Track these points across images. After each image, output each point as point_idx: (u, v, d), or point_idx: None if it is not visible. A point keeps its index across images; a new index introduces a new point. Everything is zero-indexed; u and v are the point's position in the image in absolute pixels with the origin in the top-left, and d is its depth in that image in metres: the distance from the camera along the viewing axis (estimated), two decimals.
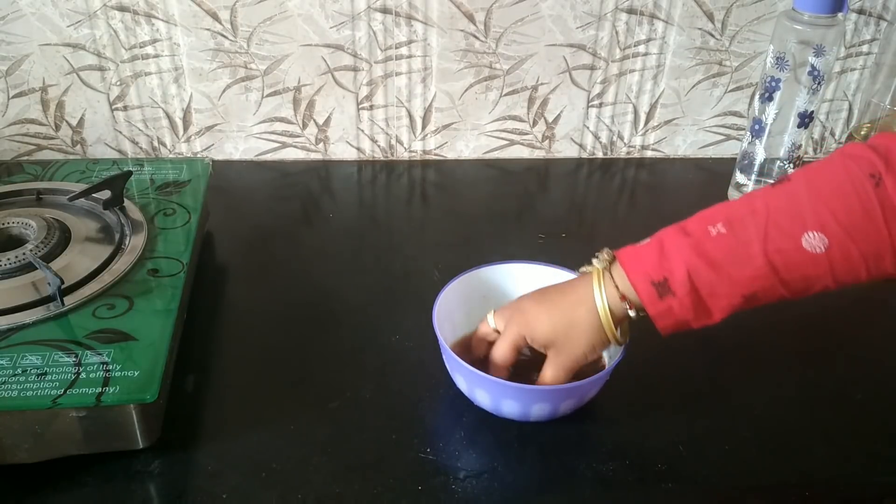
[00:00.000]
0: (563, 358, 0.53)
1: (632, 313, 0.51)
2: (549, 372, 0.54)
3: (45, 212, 0.67)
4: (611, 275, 0.52)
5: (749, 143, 0.84)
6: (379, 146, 0.95)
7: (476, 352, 0.58)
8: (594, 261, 0.54)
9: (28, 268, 0.60)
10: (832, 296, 0.74)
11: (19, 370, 0.51)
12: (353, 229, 0.82)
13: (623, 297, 0.51)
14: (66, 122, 0.89)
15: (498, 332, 0.56)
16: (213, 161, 0.82)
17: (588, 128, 0.96)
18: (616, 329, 0.52)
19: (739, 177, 0.86)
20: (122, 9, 0.82)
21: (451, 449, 0.55)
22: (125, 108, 0.89)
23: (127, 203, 0.70)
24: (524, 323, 0.54)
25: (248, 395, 0.59)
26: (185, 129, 0.91)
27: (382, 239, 0.81)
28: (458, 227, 0.83)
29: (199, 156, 0.93)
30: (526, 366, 0.58)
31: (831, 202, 0.47)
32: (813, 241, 0.47)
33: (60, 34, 0.83)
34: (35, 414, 0.49)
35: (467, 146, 0.96)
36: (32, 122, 0.88)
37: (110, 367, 0.51)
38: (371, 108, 0.92)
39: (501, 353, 0.55)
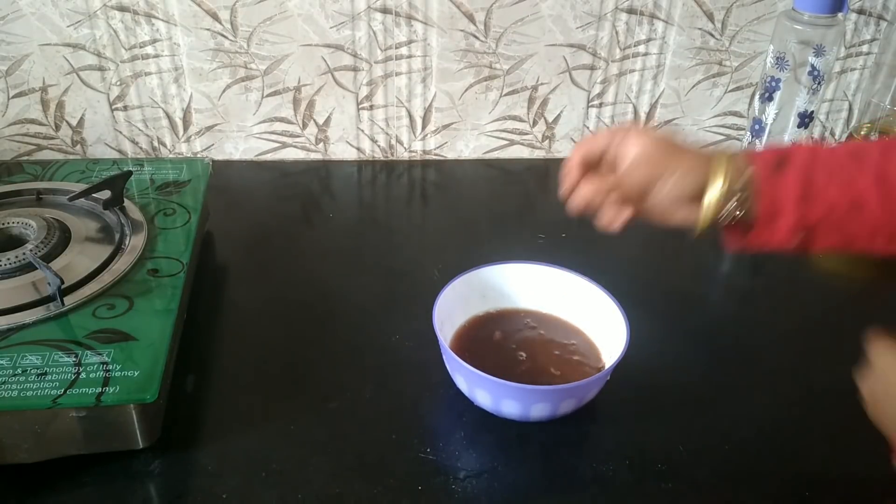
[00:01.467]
0: (642, 172, 0.52)
1: (747, 170, 0.50)
2: (623, 175, 0.52)
3: (45, 212, 0.67)
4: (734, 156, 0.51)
5: (749, 143, 0.84)
6: (379, 146, 0.95)
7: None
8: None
9: (28, 268, 0.60)
10: (832, 295, 0.74)
11: (19, 370, 0.51)
12: (353, 229, 0.82)
13: (733, 156, 0.51)
14: (66, 122, 0.89)
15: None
16: (213, 161, 0.82)
17: (588, 128, 0.96)
18: (723, 174, 0.51)
19: None
20: (122, 9, 0.82)
21: (451, 449, 0.55)
22: (125, 108, 0.89)
23: (127, 203, 0.70)
24: (621, 138, 0.53)
25: (248, 395, 0.59)
26: (185, 129, 0.91)
27: (382, 239, 0.81)
28: (458, 227, 0.83)
29: (199, 156, 0.93)
30: (528, 366, 0.58)
31: None
32: None
33: (60, 34, 0.83)
34: (35, 414, 0.49)
35: (467, 146, 0.96)
36: (32, 122, 0.88)
37: (110, 367, 0.51)
38: (371, 108, 0.92)
39: (591, 139, 0.54)
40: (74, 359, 0.52)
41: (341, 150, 0.95)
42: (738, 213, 0.51)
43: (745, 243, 0.52)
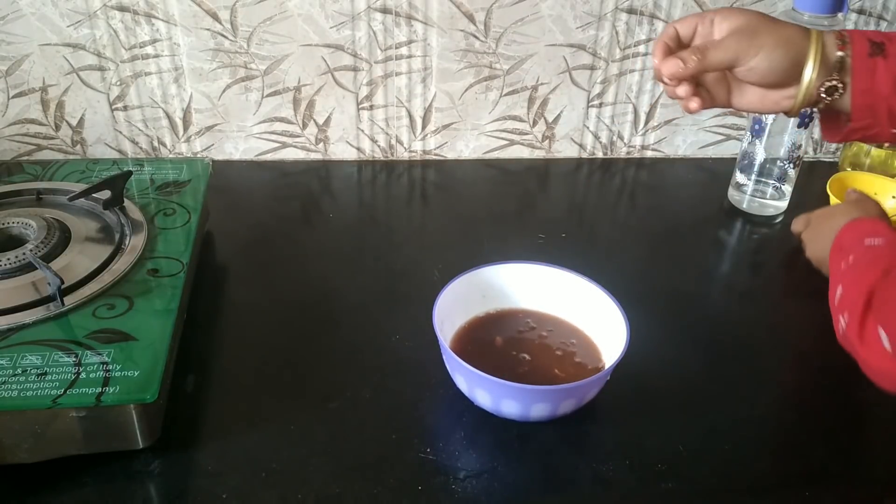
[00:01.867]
0: (750, 43, 0.52)
1: (838, 54, 0.50)
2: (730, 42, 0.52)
3: (45, 212, 0.67)
4: (833, 34, 0.52)
5: (749, 143, 0.84)
6: (379, 146, 0.95)
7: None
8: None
9: (28, 268, 0.60)
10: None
11: (19, 370, 0.51)
12: (353, 229, 0.82)
13: (840, 40, 0.51)
14: (66, 122, 0.89)
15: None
16: (213, 161, 0.82)
17: (588, 128, 0.96)
18: (815, 62, 0.51)
19: (739, 177, 0.86)
20: (122, 9, 0.82)
21: (451, 449, 0.55)
22: (125, 108, 0.89)
23: (127, 203, 0.70)
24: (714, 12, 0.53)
25: (248, 395, 0.59)
26: (185, 129, 0.91)
27: (382, 239, 0.81)
28: (458, 227, 0.83)
29: (199, 156, 0.93)
30: (528, 366, 0.58)
31: None
32: None
33: (60, 34, 0.83)
34: (35, 414, 0.49)
35: (467, 146, 0.96)
36: (32, 122, 0.88)
37: (110, 367, 0.51)
38: (371, 108, 0.92)
39: (681, 19, 0.54)
40: (74, 359, 0.52)
41: (341, 150, 0.95)
42: (836, 93, 0.51)
43: (844, 134, 0.52)
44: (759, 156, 0.83)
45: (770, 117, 0.81)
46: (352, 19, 0.85)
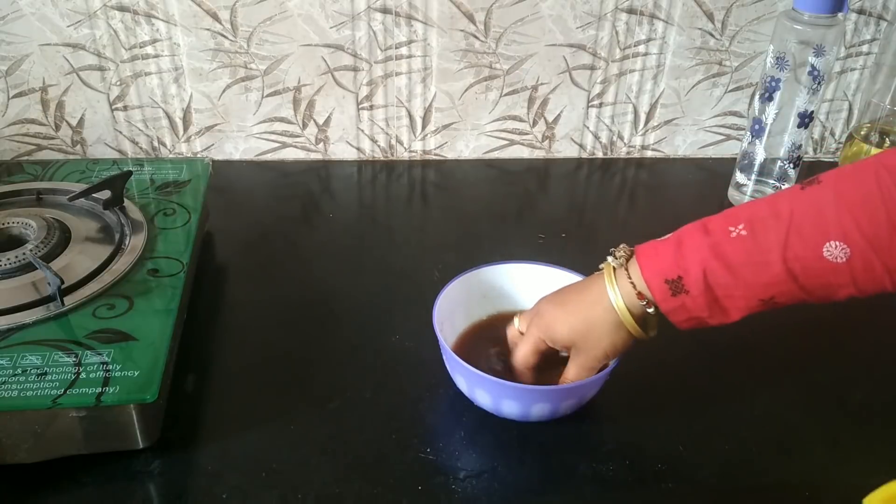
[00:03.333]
0: (584, 358, 0.53)
1: (650, 310, 0.51)
2: (572, 371, 0.54)
3: (45, 212, 0.67)
4: (627, 271, 0.51)
5: (749, 143, 0.84)
6: (379, 146, 0.95)
7: (511, 356, 0.58)
8: (609, 258, 0.53)
9: (28, 268, 0.60)
10: None
11: (19, 370, 0.51)
12: (353, 229, 0.82)
13: (640, 295, 0.51)
14: (66, 122, 0.89)
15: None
16: (213, 161, 0.82)
17: (588, 128, 0.96)
18: (638, 324, 0.52)
19: (739, 177, 0.86)
20: (122, 9, 0.82)
21: (451, 449, 0.55)
22: (125, 108, 0.89)
23: (127, 203, 0.70)
24: (544, 326, 0.54)
25: (248, 395, 0.59)
26: (185, 129, 0.91)
27: (382, 239, 0.81)
28: (458, 227, 0.83)
29: (199, 156, 0.93)
30: (544, 364, 0.58)
31: (856, 211, 0.46)
32: (834, 251, 0.46)
33: (60, 34, 0.83)
34: (35, 414, 0.49)
35: (467, 146, 0.96)
36: (32, 122, 0.88)
37: (110, 367, 0.51)
38: (371, 108, 0.92)
39: (522, 356, 0.55)
40: (74, 359, 0.52)
41: (341, 150, 0.95)
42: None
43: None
44: (759, 156, 0.83)
45: (770, 117, 0.81)
46: (352, 19, 0.85)
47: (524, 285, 0.63)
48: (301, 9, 0.84)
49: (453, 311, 0.60)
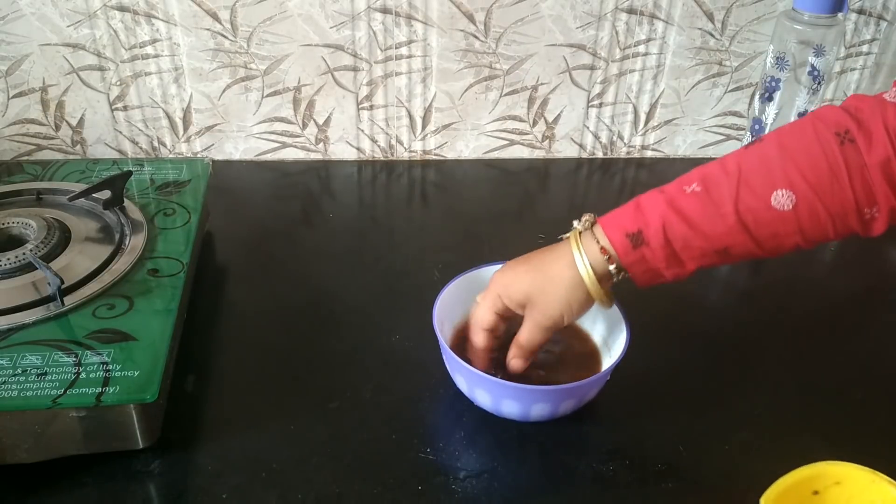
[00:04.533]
0: (538, 315, 0.53)
1: (611, 268, 0.52)
2: (525, 330, 0.54)
3: (45, 212, 0.67)
4: (592, 233, 0.53)
5: (749, 143, 0.84)
6: (379, 146, 0.95)
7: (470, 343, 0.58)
8: (574, 222, 0.55)
9: (28, 268, 0.60)
10: (832, 295, 0.74)
11: (19, 370, 0.51)
12: (353, 229, 0.82)
13: (603, 250, 0.52)
14: (66, 122, 0.89)
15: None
16: (213, 161, 0.82)
17: (588, 128, 0.96)
18: (599, 283, 0.53)
19: None
20: (122, 9, 0.82)
21: (451, 449, 0.55)
22: (125, 108, 0.89)
23: (127, 203, 0.70)
24: (501, 283, 0.55)
25: (248, 395, 0.59)
26: (185, 129, 0.91)
27: (382, 239, 0.81)
28: (458, 227, 0.83)
29: (199, 156, 0.93)
30: (528, 366, 0.58)
31: (799, 160, 0.49)
32: (782, 199, 0.49)
33: (60, 34, 0.83)
34: (35, 414, 0.49)
35: (467, 146, 0.96)
36: (32, 122, 0.88)
37: (110, 367, 0.51)
38: (371, 108, 0.92)
39: (480, 315, 0.55)
40: (74, 359, 0.52)
41: (341, 150, 0.95)
42: (621, 277, 0.53)
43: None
44: None
45: (770, 117, 0.81)
46: (352, 19, 0.85)
47: None
48: (301, 9, 0.84)
49: (453, 311, 0.60)
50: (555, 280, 0.53)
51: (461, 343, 0.60)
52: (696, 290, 0.75)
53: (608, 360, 0.58)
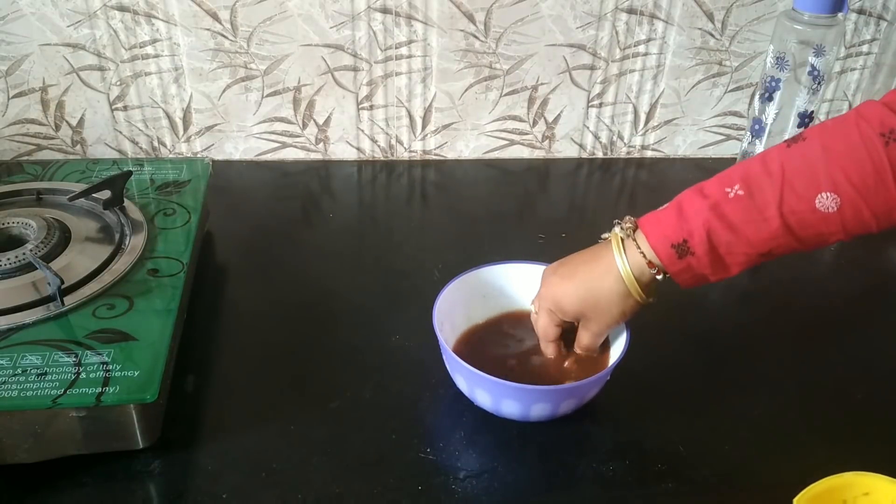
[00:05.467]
0: (595, 326, 0.56)
1: (658, 277, 0.53)
2: (585, 339, 0.57)
3: (45, 212, 0.67)
4: (634, 241, 0.53)
5: (749, 143, 0.84)
6: (379, 146, 0.95)
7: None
8: (616, 228, 0.55)
9: (28, 268, 0.60)
10: (832, 295, 0.74)
11: (19, 370, 0.51)
12: (353, 229, 0.82)
13: (650, 264, 0.52)
14: (66, 122, 0.89)
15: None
16: (213, 161, 0.82)
17: (588, 128, 0.96)
18: (644, 291, 0.53)
19: None
20: (122, 9, 0.82)
21: (451, 449, 0.55)
22: (125, 108, 0.89)
23: (127, 203, 0.70)
24: (552, 300, 0.56)
25: (248, 395, 0.59)
26: (185, 129, 0.91)
27: (382, 239, 0.81)
28: (458, 227, 0.83)
29: (199, 156, 0.93)
30: (528, 366, 0.58)
31: (844, 163, 0.48)
32: (826, 202, 0.48)
33: (60, 34, 0.83)
34: (35, 414, 0.49)
35: (467, 146, 0.96)
36: (32, 122, 0.88)
37: (110, 367, 0.51)
38: (371, 108, 0.92)
39: (543, 330, 0.58)
40: (74, 359, 0.52)
41: (341, 150, 0.95)
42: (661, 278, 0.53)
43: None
44: None
45: (770, 117, 0.81)
46: (352, 19, 0.85)
47: (524, 285, 0.63)
48: (301, 9, 0.84)
49: (453, 311, 0.60)
50: (605, 294, 0.54)
51: (461, 343, 0.60)
52: (696, 290, 0.75)
53: (608, 360, 0.58)
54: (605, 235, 0.56)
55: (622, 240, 0.54)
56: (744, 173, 0.51)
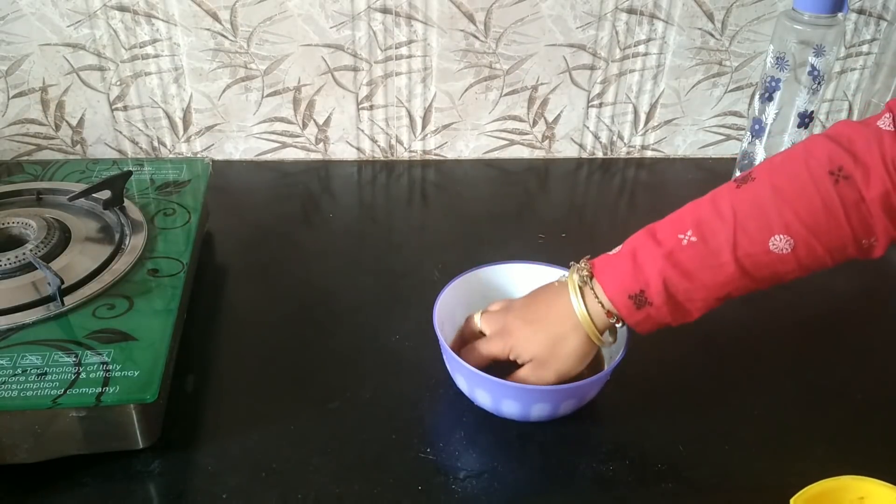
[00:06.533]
0: (548, 372, 0.54)
1: (618, 325, 0.53)
2: (532, 377, 0.54)
3: (45, 212, 0.67)
4: (592, 289, 0.52)
5: (749, 143, 0.84)
6: (379, 146, 0.95)
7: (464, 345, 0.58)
8: (575, 275, 0.53)
9: (28, 268, 0.60)
10: (832, 295, 0.74)
11: (19, 370, 0.51)
12: (353, 229, 0.82)
13: (609, 314, 0.52)
14: (66, 122, 0.89)
15: (483, 334, 0.57)
16: (213, 161, 0.82)
17: (588, 128, 0.96)
18: (602, 335, 0.53)
19: None
20: (122, 9, 0.82)
21: (451, 449, 0.55)
22: (125, 108, 0.89)
23: (127, 203, 0.70)
24: (511, 343, 0.55)
25: (248, 395, 0.59)
26: (185, 129, 0.91)
27: (382, 239, 0.81)
28: (458, 227, 0.83)
29: (199, 156, 0.93)
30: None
31: (795, 204, 0.48)
32: (780, 244, 0.49)
33: (60, 34, 0.83)
34: (35, 414, 0.49)
35: (467, 146, 0.96)
36: (32, 122, 0.88)
37: (110, 367, 0.51)
38: (371, 108, 0.92)
39: (480, 360, 0.56)
40: (74, 359, 0.52)
41: (341, 150, 0.95)
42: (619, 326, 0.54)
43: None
44: (759, 156, 0.83)
45: (770, 117, 0.81)
46: (352, 19, 0.85)
47: (524, 285, 0.63)
48: (301, 9, 0.84)
49: (453, 311, 0.60)
50: (565, 342, 0.53)
51: (462, 343, 0.60)
52: None
53: (608, 360, 0.58)
54: (561, 278, 0.55)
55: (580, 287, 0.53)
56: (695, 218, 0.51)
